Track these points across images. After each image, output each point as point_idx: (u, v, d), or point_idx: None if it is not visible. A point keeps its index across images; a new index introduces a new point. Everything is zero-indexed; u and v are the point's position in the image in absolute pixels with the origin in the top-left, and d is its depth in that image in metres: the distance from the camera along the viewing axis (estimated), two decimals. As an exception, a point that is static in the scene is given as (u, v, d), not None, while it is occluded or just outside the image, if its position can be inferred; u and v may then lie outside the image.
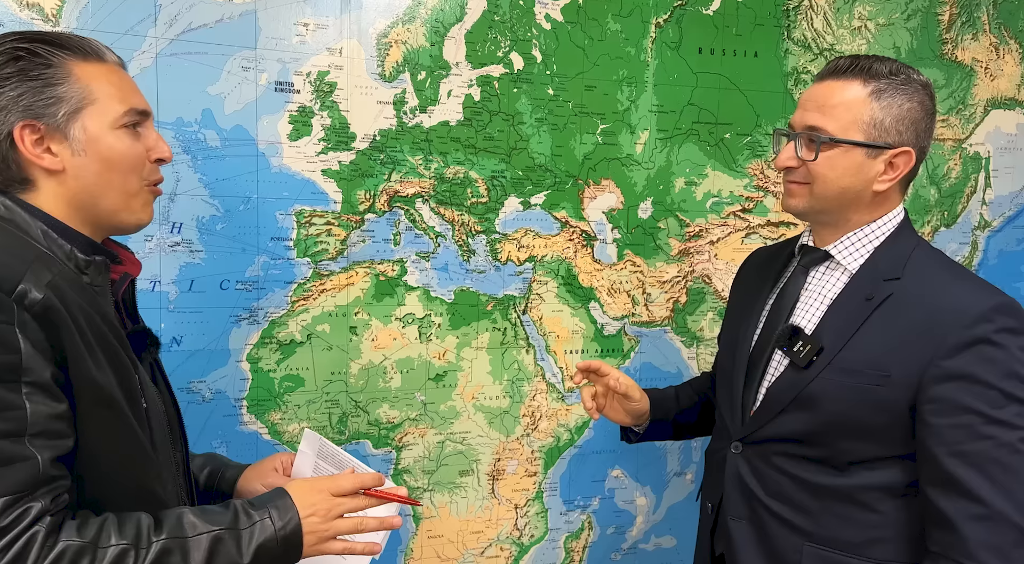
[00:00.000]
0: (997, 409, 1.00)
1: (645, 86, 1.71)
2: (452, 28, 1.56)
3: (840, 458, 1.11)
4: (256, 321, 1.49)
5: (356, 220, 1.54)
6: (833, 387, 1.09)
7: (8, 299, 0.80)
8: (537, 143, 1.64)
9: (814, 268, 1.21)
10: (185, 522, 0.90)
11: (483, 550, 1.71)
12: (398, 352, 1.59)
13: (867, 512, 1.10)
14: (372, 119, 1.52)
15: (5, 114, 0.88)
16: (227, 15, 1.42)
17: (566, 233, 1.69)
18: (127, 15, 1.36)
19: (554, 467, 1.75)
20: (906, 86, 1.12)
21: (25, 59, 0.89)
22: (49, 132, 0.90)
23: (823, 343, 1.12)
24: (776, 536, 1.16)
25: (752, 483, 1.19)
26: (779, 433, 1.15)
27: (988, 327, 1.02)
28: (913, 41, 1.91)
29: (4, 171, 0.90)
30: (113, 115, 0.93)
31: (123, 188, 0.95)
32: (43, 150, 0.90)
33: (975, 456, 1.00)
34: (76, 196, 0.92)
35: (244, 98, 1.44)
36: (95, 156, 0.92)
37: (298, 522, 0.94)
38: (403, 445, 1.62)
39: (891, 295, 1.10)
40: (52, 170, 0.91)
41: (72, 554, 0.81)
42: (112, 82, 0.94)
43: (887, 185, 1.13)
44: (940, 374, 1.03)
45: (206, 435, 1.47)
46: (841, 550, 1.11)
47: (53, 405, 0.83)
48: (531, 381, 1.70)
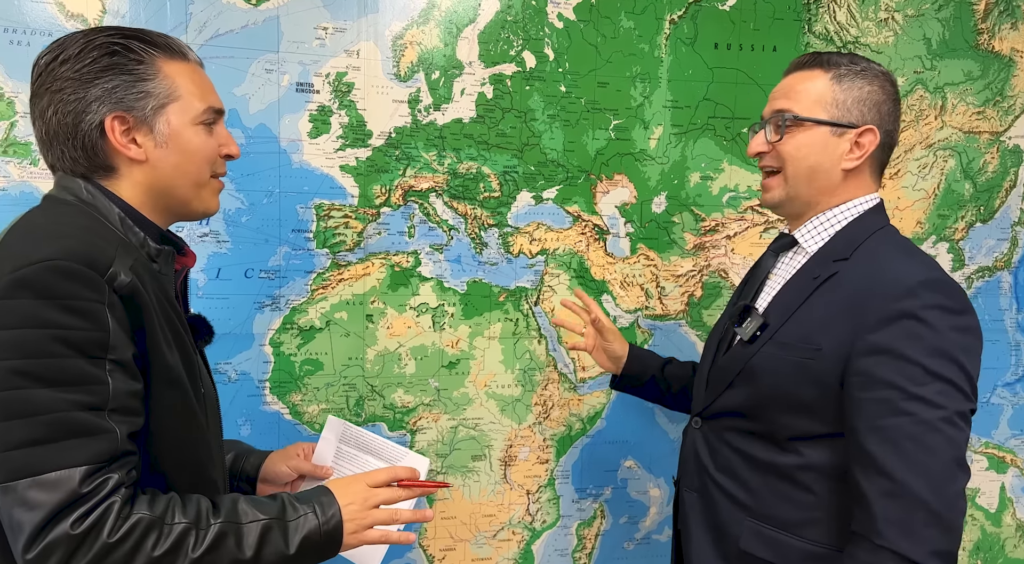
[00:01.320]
0: (918, 386, 0.99)
1: (659, 82, 1.73)
2: (465, 29, 1.62)
3: (780, 433, 1.12)
4: (278, 308, 1.59)
5: (372, 213, 1.62)
6: (771, 361, 1.12)
7: (101, 279, 0.85)
8: (549, 139, 1.69)
9: (783, 253, 1.25)
10: (239, 508, 0.93)
11: (495, 533, 1.77)
12: (412, 340, 1.67)
13: (804, 492, 1.11)
14: (388, 117, 1.60)
15: (99, 105, 0.93)
16: (252, 21, 1.52)
17: (578, 227, 1.73)
18: (162, 23, 1.48)
19: (566, 455, 1.79)
20: (865, 72, 1.16)
21: (120, 54, 0.94)
22: (136, 124, 0.96)
23: (768, 320, 1.15)
24: (721, 509, 1.19)
25: (705, 457, 1.23)
26: (726, 406, 1.19)
27: (914, 302, 1.01)
28: (945, 32, 1.87)
29: (91, 158, 0.95)
30: (194, 112, 0.99)
31: (196, 179, 1.01)
32: (129, 140, 0.96)
33: (891, 431, 0.99)
34: (154, 185, 0.98)
35: (267, 98, 1.54)
36: (175, 148, 0.98)
37: (340, 517, 0.98)
38: (417, 429, 1.69)
39: (835, 274, 1.12)
40: (136, 160, 0.96)
41: (144, 526, 0.85)
42: (194, 81, 1.01)
43: (855, 163, 1.16)
44: (865, 348, 1.03)
45: (231, 414, 1.58)
46: (778, 527, 1.13)
47: (131, 383, 0.87)
48: (543, 371, 1.75)
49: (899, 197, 1.90)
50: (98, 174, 0.97)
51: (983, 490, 2.04)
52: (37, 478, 0.81)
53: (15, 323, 0.81)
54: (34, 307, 0.82)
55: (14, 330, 0.81)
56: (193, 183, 1.01)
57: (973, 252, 1.96)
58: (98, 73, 0.93)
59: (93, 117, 0.94)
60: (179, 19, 1.48)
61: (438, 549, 1.74)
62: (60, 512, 0.81)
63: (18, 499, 0.81)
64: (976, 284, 1.98)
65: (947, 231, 1.94)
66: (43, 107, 0.95)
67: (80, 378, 0.83)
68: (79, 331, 0.83)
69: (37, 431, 0.81)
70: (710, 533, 1.21)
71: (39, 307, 0.82)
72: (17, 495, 0.81)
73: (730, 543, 1.18)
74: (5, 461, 0.81)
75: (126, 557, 0.83)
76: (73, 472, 0.81)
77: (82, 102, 0.93)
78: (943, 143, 1.91)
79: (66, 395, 0.82)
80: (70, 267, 0.83)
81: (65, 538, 0.80)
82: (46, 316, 0.82)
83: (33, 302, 0.82)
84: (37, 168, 1.44)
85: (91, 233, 0.90)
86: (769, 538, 1.14)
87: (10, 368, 0.81)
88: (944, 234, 1.94)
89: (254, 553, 0.91)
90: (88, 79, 0.93)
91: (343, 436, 1.24)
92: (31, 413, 0.81)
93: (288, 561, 0.93)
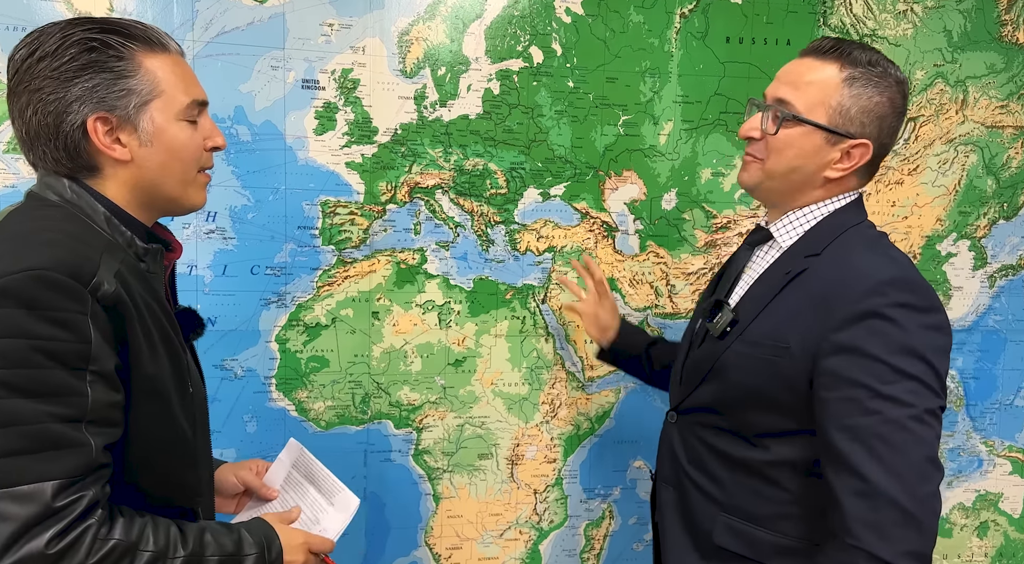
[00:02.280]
0: (885, 384, 0.98)
1: (669, 77, 1.71)
2: (472, 24, 1.61)
3: (749, 430, 1.12)
4: (284, 305, 1.59)
5: (378, 210, 1.61)
6: (740, 358, 1.11)
7: (84, 290, 0.84)
8: (557, 135, 1.67)
9: (759, 247, 1.22)
10: (205, 540, 0.95)
11: (502, 532, 1.76)
12: (418, 337, 1.66)
13: (775, 488, 1.11)
14: (394, 114, 1.60)
15: (80, 105, 0.91)
16: (257, 18, 1.52)
17: (586, 224, 1.71)
18: (168, 20, 1.48)
19: (574, 455, 1.78)
20: (881, 79, 1.11)
21: (99, 50, 0.91)
22: (120, 123, 0.93)
23: (738, 316, 1.13)
24: (695, 504, 1.19)
25: (679, 451, 1.23)
26: (698, 402, 1.18)
27: (879, 300, 1.00)
28: (967, 24, 1.82)
29: (75, 158, 0.93)
30: (178, 107, 0.97)
31: (183, 177, 0.99)
32: (113, 140, 0.93)
33: (860, 430, 0.98)
34: (140, 183, 0.96)
35: (273, 95, 1.54)
36: (160, 146, 0.96)
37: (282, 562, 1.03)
38: (423, 426, 1.69)
39: (805, 270, 1.10)
40: (120, 160, 0.94)
41: (119, 553, 0.85)
42: (176, 74, 0.97)
43: (839, 174, 1.13)
44: (830, 347, 1.02)
45: (237, 410, 1.59)
46: (750, 522, 1.13)
47: (112, 394, 0.87)
48: (550, 369, 1.73)
49: (918, 194, 1.85)
50: (82, 174, 0.95)
51: (1006, 495, 1.98)
52: (10, 490, 0.80)
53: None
54: (17, 317, 0.81)
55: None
56: (180, 180, 1.00)
57: (996, 250, 1.91)
58: (77, 71, 0.90)
59: (74, 118, 0.91)
60: (185, 16, 1.49)
61: (444, 548, 1.73)
62: (33, 527, 0.80)
63: None
64: (999, 283, 1.92)
65: (968, 228, 1.89)
66: (22, 106, 0.92)
67: (59, 390, 0.83)
68: (61, 342, 0.82)
69: (12, 442, 0.81)
70: (685, 527, 1.21)
71: (22, 317, 0.81)
72: None
73: (704, 537, 1.19)
74: None
75: None
76: (46, 486, 0.81)
77: (62, 102, 0.91)
78: (964, 138, 1.85)
79: (44, 407, 0.82)
80: (54, 278, 0.82)
81: (39, 557, 0.80)
82: (28, 327, 0.81)
83: (16, 312, 0.81)
84: (46, 165, 1.46)
85: (76, 240, 0.88)
86: (741, 532, 1.13)
87: None
88: (965, 231, 1.88)
89: None
90: (67, 78, 0.90)
91: (296, 462, 1.27)
92: (7, 423, 0.81)
93: None
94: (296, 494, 1.24)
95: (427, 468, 1.70)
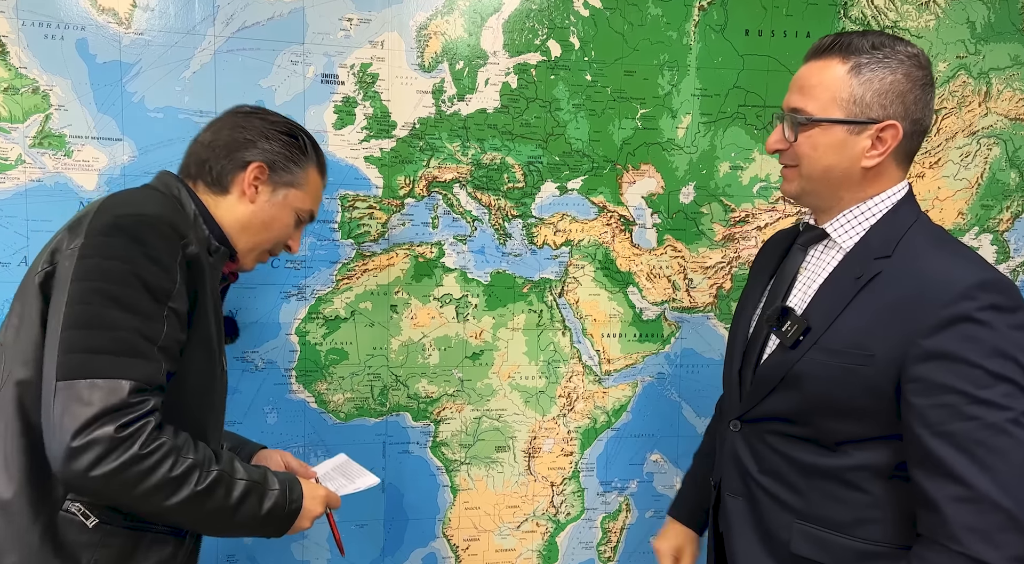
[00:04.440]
0: (982, 389, 0.96)
1: (687, 70, 1.70)
2: (490, 18, 1.61)
3: (828, 438, 1.09)
4: (304, 297, 1.61)
5: (396, 204, 1.62)
6: (818, 367, 1.08)
7: (179, 242, 1.04)
8: (574, 129, 1.67)
9: (813, 247, 1.20)
10: (235, 464, 1.08)
11: (519, 524, 1.77)
12: (436, 330, 1.67)
13: (856, 492, 1.08)
14: (412, 108, 1.60)
15: (260, 152, 1.21)
16: (278, 13, 1.53)
17: (604, 218, 1.71)
18: (190, 16, 1.50)
19: (591, 448, 1.78)
20: (889, 59, 1.09)
21: (298, 142, 1.26)
22: (267, 180, 1.23)
23: (810, 323, 1.11)
24: (768, 513, 1.16)
25: (747, 461, 1.19)
26: (770, 412, 1.15)
27: (970, 305, 0.98)
28: (991, 15, 1.79)
29: (218, 172, 1.21)
30: (302, 206, 1.28)
31: (259, 242, 1.25)
32: (253, 182, 1.21)
33: (959, 437, 0.97)
34: (237, 220, 1.22)
35: (293, 90, 1.55)
36: (271, 213, 1.24)
37: (301, 504, 1.15)
38: (441, 419, 1.70)
39: (879, 274, 1.07)
40: (247, 197, 1.22)
41: (166, 450, 0.98)
42: (316, 188, 1.30)
43: (876, 160, 1.10)
44: (921, 353, 1.00)
45: (258, 401, 1.61)
46: (830, 528, 1.10)
47: (179, 333, 1.04)
48: (567, 363, 1.74)
49: (939, 187, 1.84)
50: (208, 185, 1.21)
51: None
52: (96, 381, 0.94)
53: (106, 255, 0.99)
54: (125, 246, 0.99)
55: (105, 260, 0.98)
56: (255, 243, 1.25)
57: (1019, 244, 1.89)
58: (275, 136, 1.23)
59: (248, 155, 1.21)
60: (207, 12, 1.51)
61: (462, 539, 1.74)
62: (109, 414, 0.93)
63: (75, 395, 0.93)
64: (1022, 277, 1.90)
65: (991, 222, 1.86)
66: (221, 127, 1.24)
67: (146, 312, 0.99)
68: (154, 276, 1.00)
69: (103, 342, 0.95)
70: (758, 537, 1.18)
71: (129, 247, 0.99)
72: (75, 391, 0.93)
73: (780, 547, 1.15)
74: (69, 361, 0.94)
75: (146, 471, 0.96)
76: (125, 384, 0.95)
77: (252, 143, 1.21)
78: (987, 130, 1.83)
79: (133, 321, 0.97)
80: (158, 224, 1.03)
81: (107, 438, 0.93)
82: (132, 256, 0.99)
83: (125, 242, 1.00)
84: (71, 159, 1.48)
85: (175, 211, 1.11)
86: (821, 540, 1.11)
87: (93, 287, 0.97)
88: (987, 225, 1.86)
89: (235, 504, 1.04)
90: (267, 136, 1.22)
91: (338, 466, 1.44)
92: (101, 326, 0.96)
93: (255, 521, 1.08)
94: (329, 484, 1.36)
95: (445, 460, 1.71)
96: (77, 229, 1.03)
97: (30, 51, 1.44)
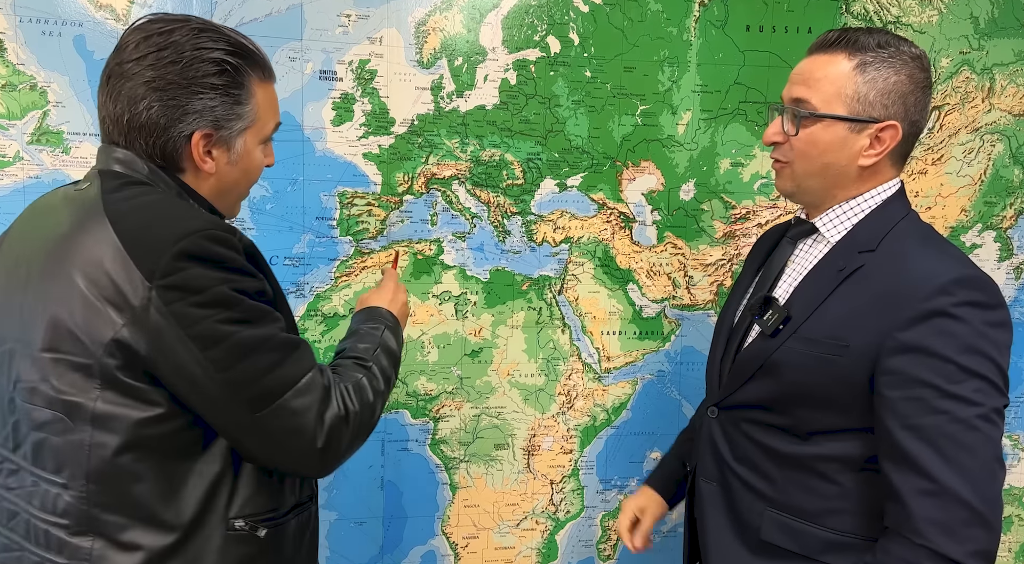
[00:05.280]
0: (953, 384, 0.97)
1: (688, 66, 1.69)
2: (488, 14, 1.61)
3: (802, 427, 1.10)
4: (303, 295, 1.60)
5: (395, 201, 1.62)
6: (795, 356, 1.09)
7: (233, 238, 0.94)
8: (574, 125, 1.66)
9: (802, 240, 1.20)
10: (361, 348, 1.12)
11: (518, 522, 1.77)
12: (435, 328, 1.67)
13: (826, 483, 1.09)
14: (410, 104, 1.60)
15: (196, 118, 0.97)
16: (275, 9, 1.53)
17: (603, 215, 1.71)
18: (187, 11, 1.48)
19: (590, 446, 1.77)
20: (894, 59, 1.08)
21: (229, 74, 0.98)
22: (218, 141, 1.00)
23: (791, 312, 1.11)
24: (740, 500, 1.17)
25: (723, 447, 1.20)
26: (747, 399, 1.16)
27: (947, 300, 0.98)
28: (994, 10, 1.78)
29: (166, 156, 0.99)
30: (265, 132, 1.05)
31: (243, 193, 1.10)
32: (206, 154, 1.00)
33: (927, 430, 0.97)
34: (209, 191, 1.03)
35: (291, 87, 1.55)
36: (241, 167, 1.04)
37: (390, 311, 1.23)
38: (440, 416, 1.69)
39: (861, 266, 1.08)
40: (205, 171, 1.02)
41: (355, 388, 1.02)
42: (270, 100, 1.05)
43: (873, 160, 1.10)
44: (895, 346, 1.00)
45: (257, 398, 1.60)
46: (800, 517, 1.11)
47: (284, 320, 1.00)
48: (567, 360, 1.73)
49: (942, 184, 1.82)
50: (165, 167, 1.00)
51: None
52: (295, 388, 0.94)
53: (199, 286, 0.90)
54: (205, 270, 0.91)
55: (202, 293, 0.90)
56: (239, 196, 1.10)
57: (1022, 241, 1.87)
58: (207, 89, 0.97)
59: (185, 127, 0.97)
60: (204, 8, 1.50)
61: (461, 537, 1.74)
62: (326, 403, 0.96)
63: (288, 411, 0.94)
64: (1025, 275, 1.89)
65: (994, 219, 1.85)
66: (135, 96, 0.96)
67: (267, 313, 0.96)
68: (246, 281, 0.94)
69: (272, 357, 0.94)
70: (730, 523, 1.20)
71: (208, 269, 0.91)
72: (287, 408, 0.94)
73: (751, 533, 1.17)
74: (262, 390, 0.93)
75: (367, 415, 1.03)
76: (313, 373, 0.97)
77: (181, 110, 0.96)
78: (991, 127, 1.82)
79: (268, 328, 0.95)
80: (217, 235, 0.92)
81: (338, 422, 0.97)
82: (218, 275, 0.91)
83: (202, 266, 0.91)
84: (69, 156, 1.48)
85: (191, 209, 0.98)
86: (791, 528, 1.12)
87: (218, 320, 0.91)
88: (991, 222, 1.85)
89: (388, 364, 1.13)
90: (194, 91, 0.96)
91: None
92: (258, 347, 0.93)
93: (397, 354, 1.17)
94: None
95: (444, 458, 1.71)
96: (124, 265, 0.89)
97: (28, 47, 1.44)
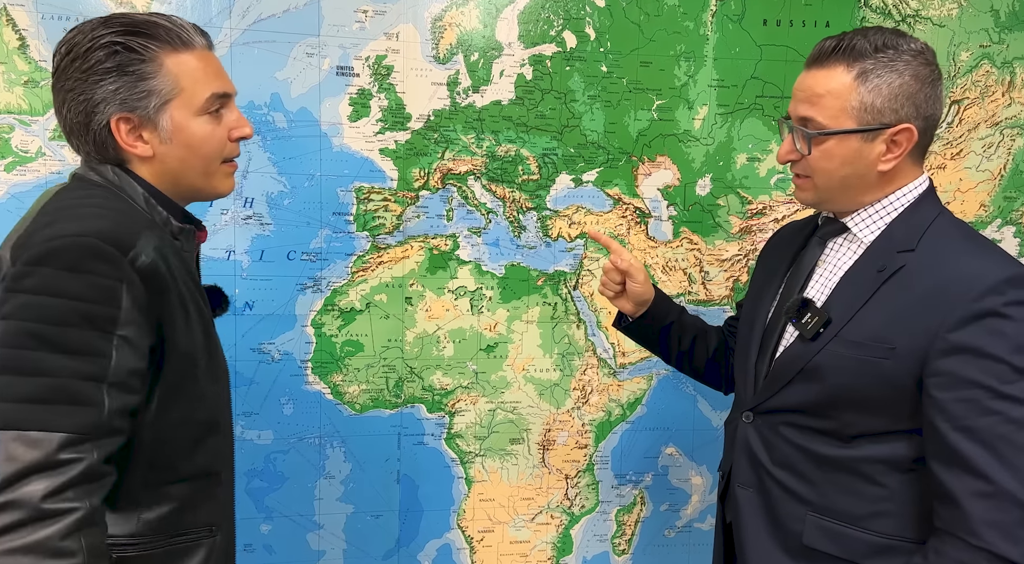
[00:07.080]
0: (1006, 384, 0.96)
1: (704, 61, 1.68)
2: (505, 9, 1.61)
3: (845, 430, 1.09)
4: (320, 289, 1.62)
5: (411, 196, 1.63)
6: (838, 359, 1.07)
7: (121, 257, 0.89)
8: (589, 120, 1.66)
9: (831, 240, 1.18)
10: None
11: (533, 516, 1.77)
12: (451, 322, 1.67)
13: (871, 485, 1.08)
14: (427, 100, 1.60)
15: (104, 106, 0.96)
16: (293, 5, 1.53)
17: (619, 210, 1.71)
18: (206, 9, 1.50)
19: (605, 441, 1.78)
20: (895, 61, 1.06)
21: (122, 53, 0.95)
22: (141, 123, 0.98)
23: (830, 315, 1.09)
24: (780, 504, 1.16)
25: (760, 452, 1.18)
26: (786, 404, 1.14)
27: (998, 299, 0.97)
28: (1015, 3, 1.76)
29: (103, 152, 1.00)
30: (197, 103, 1.00)
31: (204, 169, 1.04)
32: (135, 139, 0.99)
33: (981, 431, 0.96)
34: (163, 176, 1.02)
35: (308, 82, 1.55)
36: (180, 143, 1.00)
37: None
38: (455, 411, 1.70)
39: (903, 267, 1.06)
40: (143, 156, 1.00)
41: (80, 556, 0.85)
42: (199, 69, 1.00)
43: (892, 164, 1.08)
44: (946, 347, 0.99)
45: (275, 393, 1.62)
46: (843, 521, 1.10)
47: (135, 362, 0.91)
48: (582, 356, 1.74)
49: (961, 179, 1.81)
50: (116, 162, 1.01)
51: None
52: (22, 433, 0.83)
53: (37, 289, 0.86)
54: (57, 277, 0.86)
55: (36, 296, 0.86)
56: (201, 173, 1.04)
57: (1042, 237, 1.86)
58: (102, 74, 0.95)
59: (100, 118, 0.96)
60: (223, 4, 1.51)
61: (476, 530, 1.75)
62: (34, 473, 0.83)
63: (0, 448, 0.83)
64: (1045, 271, 1.87)
65: (1014, 214, 1.83)
66: (59, 104, 0.99)
67: (86, 348, 0.87)
68: (94, 305, 0.87)
69: (33, 390, 0.85)
70: (769, 528, 1.17)
71: (61, 278, 0.86)
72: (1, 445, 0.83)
73: (792, 538, 1.15)
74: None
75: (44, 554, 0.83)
76: (54, 436, 0.84)
77: (89, 103, 0.96)
78: (1011, 121, 1.80)
79: (69, 363, 0.86)
80: (96, 245, 0.88)
81: (30, 505, 0.82)
82: (66, 287, 0.86)
83: (56, 273, 0.86)
84: (90, 153, 1.49)
85: (120, 214, 0.94)
86: (834, 532, 1.10)
87: (25, 329, 0.86)
88: (1010, 217, 1.83)
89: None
90: (94, 81, 0.95)
91: None
92: (31, 373, 0.85)
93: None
94: None
95: (459, 452, 1.72)
96: (17, 250, 0.90)
97: (50, 44, 1.46)
